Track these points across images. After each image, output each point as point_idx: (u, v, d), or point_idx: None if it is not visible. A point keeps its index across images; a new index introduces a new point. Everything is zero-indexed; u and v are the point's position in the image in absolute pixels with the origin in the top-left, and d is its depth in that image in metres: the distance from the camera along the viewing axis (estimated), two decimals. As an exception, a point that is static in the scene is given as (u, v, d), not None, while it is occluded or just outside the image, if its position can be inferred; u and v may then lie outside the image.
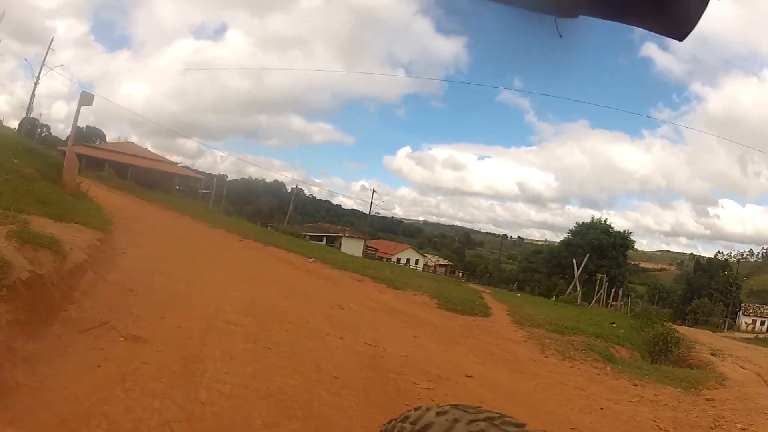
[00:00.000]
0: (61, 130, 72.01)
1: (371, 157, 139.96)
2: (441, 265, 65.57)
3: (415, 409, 1.26)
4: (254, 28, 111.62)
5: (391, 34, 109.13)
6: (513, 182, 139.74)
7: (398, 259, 58.72)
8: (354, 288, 15.23)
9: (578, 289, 30.25)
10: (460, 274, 61.89)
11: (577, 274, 30.70)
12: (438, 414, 1.17)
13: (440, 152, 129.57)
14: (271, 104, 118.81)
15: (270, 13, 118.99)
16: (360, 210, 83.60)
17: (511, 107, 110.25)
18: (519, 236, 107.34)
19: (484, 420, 1.10)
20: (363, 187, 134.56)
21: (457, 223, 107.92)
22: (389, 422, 1.31)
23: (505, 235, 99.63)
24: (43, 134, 60.03)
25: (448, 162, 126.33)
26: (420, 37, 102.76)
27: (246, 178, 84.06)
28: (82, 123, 79.94)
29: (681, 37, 1.20)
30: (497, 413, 1.14)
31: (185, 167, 60.24)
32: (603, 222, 52.09)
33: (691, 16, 1.15)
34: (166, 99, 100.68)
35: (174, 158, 60.64)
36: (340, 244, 52.89)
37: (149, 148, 58.75)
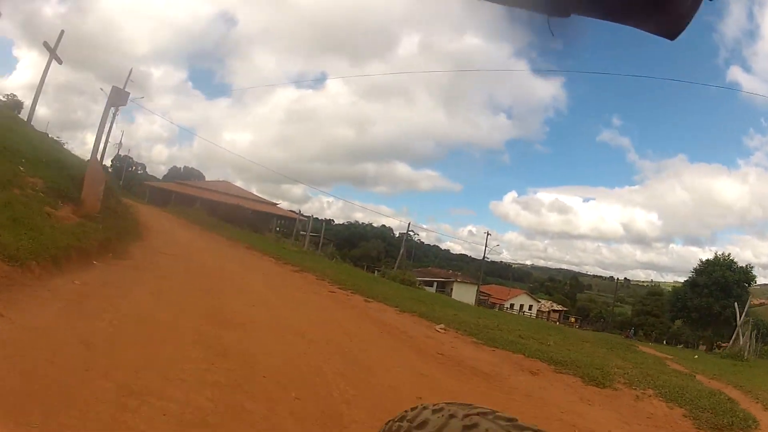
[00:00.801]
0: (161, 170, 74.59)
1: (478, 202, 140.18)
2: (555, 311, 63.74)
3: (412, 409, 1.27)
4: (353, 77, 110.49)
5: (490, 78, 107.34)
6: (618, 223, 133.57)
7: (511, 305, 57.75)
8: (552, 400, 7.86)
9: (741, 338, 25.85)
10: (573, 319, 60.33)
11: (740, 321, 27.96)
12: (434, 411, 1.20)
13: (546, 196, 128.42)
14: (376, 152, 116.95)
15: (368, 61, 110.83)
16: (468, 255, 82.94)
17: (612, 146, 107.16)
18: (625, 278, 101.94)
19: (477, 415, 1.12)
20: (470, 233, 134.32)
21: (564, 266, 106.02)
22: (387, 422, 1.31)
23: (611, 276, 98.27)
24: (139, 171, 61.72)
25: (554, 205, 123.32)
26: (518, 80, 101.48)
27: (353, 222, 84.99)
28: (180, 164, 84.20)
29: (672, 36, 1.19)
30: (490, 409, 1.16)
31: (288, 209, 59.16)
32: (726, 257, 48.12)
33: (684, 15, 1.14)
34: (271, 146, 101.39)
35: (278, 202, 59.52)
36: (452, 289, 51.33)
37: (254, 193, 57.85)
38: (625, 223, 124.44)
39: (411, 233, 48.66)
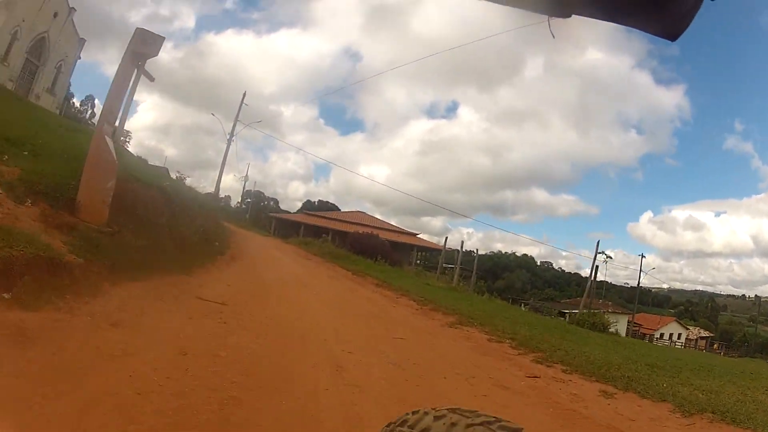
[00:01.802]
0: (297, 206, 73.53)
1: (615, 224, 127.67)
2: (702, 338, 59.84)
3: (413, 413, 1.23)
4: (485, 102, 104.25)
5: (616, 93, 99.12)
6: (747, 236, 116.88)
7: (661, 335, 54.68)
8: None
9: None
10: (716, 346, 56.40)
11: None
12: (436, 418, 1.16)
13: (680, 213, 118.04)
14: (514, 179, 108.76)
15: (497, 87, 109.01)
16: (608, 281, 77.18)
17: (737, 153, 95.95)
18: (755, 294, 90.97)
19: (481, 424, 1.10)
20: (609, 258, 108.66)
21: (699, 287, 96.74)
22: (388, 425, 1.27)
23: (743, 294, 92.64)
24: (270, 205, 61.90)
25: (687, 223, 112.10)
26: (643, 92, 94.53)
27: (495, 252, 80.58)
28: (314, 197, 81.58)
29: (673, 37, 1.19)
30: (494, 417, 1.12)
31: (429, 240, 53.88)
32: None
33: (685, 16, 1.13)
34: (408, 178, 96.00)
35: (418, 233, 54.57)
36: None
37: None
38: (754, 235, 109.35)
39: (605, 258, 39.88)
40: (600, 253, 52.85)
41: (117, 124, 8.57)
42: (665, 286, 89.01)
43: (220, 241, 16.66)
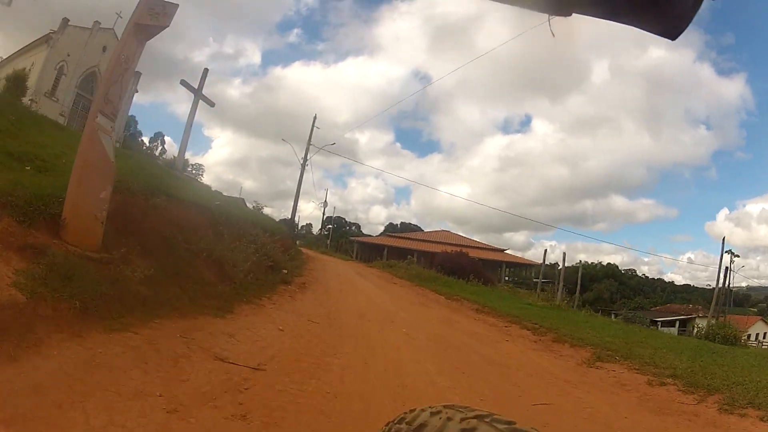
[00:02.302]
0: (379, 230, 72.50)
1: (693, 226, 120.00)
2: None
3: (410, 411, 1.26)
4: (557, 113, 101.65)
5: (681, 90, 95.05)
6: None
7: (748, 336, 46.80)
8: None
9: None
10: None
11: None
12: (432, 414, 1.19)
13: (754, 207, 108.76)
14: (592, 188, 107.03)
15: (567, 96, 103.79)
16: (691, 284, 79.95)
17: None
18: None
19: (475, 417, 1.11)
20: (689, 260, 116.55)
21: None
22: (387, 425, 1.30)
23: None
24: (352, 230, 62.73)
25: (762, 216, 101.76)
26: (707, 86, 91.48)
27: (579, 263, 76.46)
28: (396, 220, 79.73)
29: (673, 36, 1.17)
30: (487, 412, 1.14)
31: (516, 255, 52.25)
32: None
33: (685, 15, 1.12)
34: (488, 195, 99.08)
35: (506, 249, 52.31)
36: (693, 327, 42.52)
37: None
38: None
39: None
40: (727, 252, 48.22)
41: (117, 127, 6.39)
42: (743, 284, 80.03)
43: (289, 269, 14.35)
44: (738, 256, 40.47)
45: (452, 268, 27.17)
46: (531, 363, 8.48)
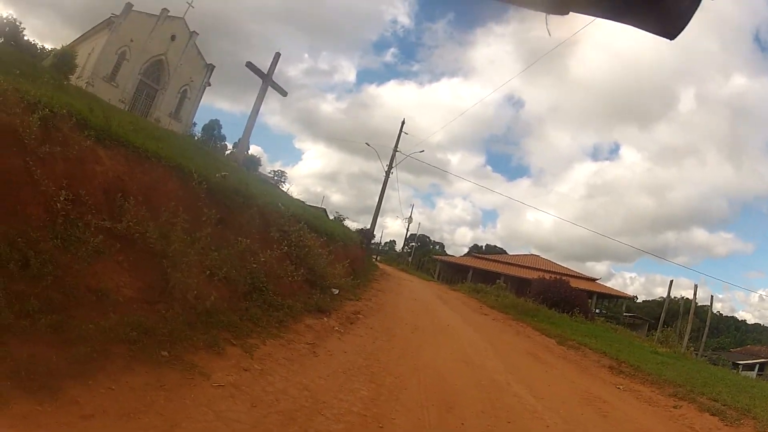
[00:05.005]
0: (463, 251, 69.42)
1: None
2: None
3: None
4: (645, 141, 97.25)
5: (764, 119, 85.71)
6: None
7: None
8: None
9: None
10: None
11: None
12: None
13: None
14: (675, 219, 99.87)
15: (655, 123, 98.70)
16: (761, 323, 75.76)
17: None
18: None
19: None
20: (761, 297, 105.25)
21: None
22: None
23: None
24: (436, 249, 62.25)
25: None
26: None
27: (659, 298, 72.85)
28: (481, 242, 70.50)
29: (672, 36, 1.16)
30: None
31: (609, 286, 45.67)
32: None
33: (683, 14, 1.11)
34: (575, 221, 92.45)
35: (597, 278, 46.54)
36: None
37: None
38: None
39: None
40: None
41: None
42: None
43: (344, 287, 9.85)
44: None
45: (552, 299, 22.08)
46: None
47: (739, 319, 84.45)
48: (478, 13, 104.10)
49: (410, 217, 51.35)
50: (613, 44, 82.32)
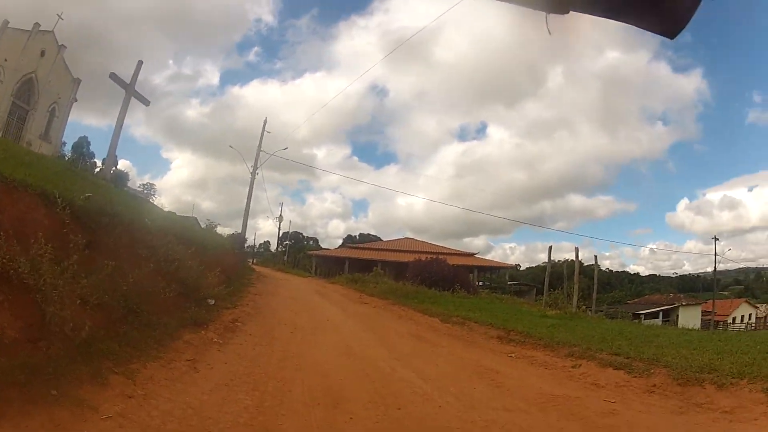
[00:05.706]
0: (337, 243, 71.98)
1: (653, 218, 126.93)
2: None
3: None
4: (513, 119, 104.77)
5: (637, 89, 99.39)
6: None
7: (733, 319, 51.76)
8: None
9: None
10: None
11: None
12: None
13: (714, 195, 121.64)
14: (550, 189, 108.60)
15: (521, 101, 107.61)
16: (657, 274, 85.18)
17: (761, 125, 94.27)
18: None
19: None
20: (651, 251, 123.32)
21: (742, 265, 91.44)
22: None
23: None
24: (310, 245, 63.60)
25: (723, 203, 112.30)
26: (663, 83, 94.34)
27: (543, 263, 79.12)
28: (354, 232, 74.80)
29: (672, 35, 1.18)
30: None
31: (488, 259, 49.75)
32: None
33: (684, 13, 1.11)
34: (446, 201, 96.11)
35: (475, 252, 49.64)
36: (677, 316, 43.21)
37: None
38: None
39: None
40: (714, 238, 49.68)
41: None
42: (709, 269, 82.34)
43: (219, 296, 9.94)
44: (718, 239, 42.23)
45: (431, 279, 23.05)
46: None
47: (632, 273, 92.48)
48: (342, 4, 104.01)
49: (280, 215, 52.04)
50: (478, 26, 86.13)
